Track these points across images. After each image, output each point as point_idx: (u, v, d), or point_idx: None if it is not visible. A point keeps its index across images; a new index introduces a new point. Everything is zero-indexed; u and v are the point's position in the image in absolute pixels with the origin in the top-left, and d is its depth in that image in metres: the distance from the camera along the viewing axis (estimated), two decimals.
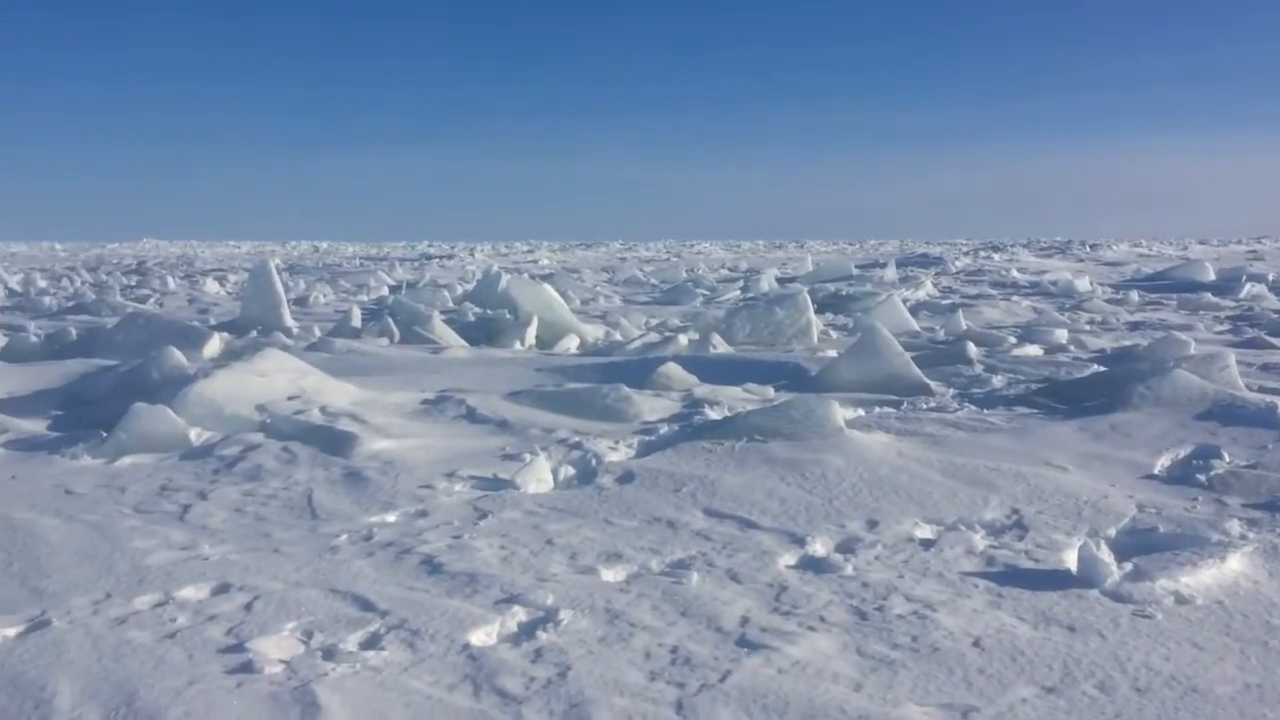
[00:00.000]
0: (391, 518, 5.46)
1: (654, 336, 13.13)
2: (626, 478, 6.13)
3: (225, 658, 3.75)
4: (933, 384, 8.95)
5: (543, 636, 3.93)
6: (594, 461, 6.48)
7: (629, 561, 4.76)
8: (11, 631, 4.01)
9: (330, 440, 6.75)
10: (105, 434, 6.78)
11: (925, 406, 8.27)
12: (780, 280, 27.26)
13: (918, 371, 8.96)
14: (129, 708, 3.38)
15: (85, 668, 3.66)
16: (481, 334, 14.24)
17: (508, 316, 15.01)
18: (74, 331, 13.36)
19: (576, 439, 7.10)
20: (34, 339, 13.03)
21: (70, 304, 20.70)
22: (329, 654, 3.77)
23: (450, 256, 52.08)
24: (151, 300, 21.87)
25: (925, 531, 5.19)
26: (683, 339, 12.46)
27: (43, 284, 27.89)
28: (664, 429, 7.48)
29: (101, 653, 3.79)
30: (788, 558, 4.81)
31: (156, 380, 7.95)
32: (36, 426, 7.35)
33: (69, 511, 5.54)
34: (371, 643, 3.88)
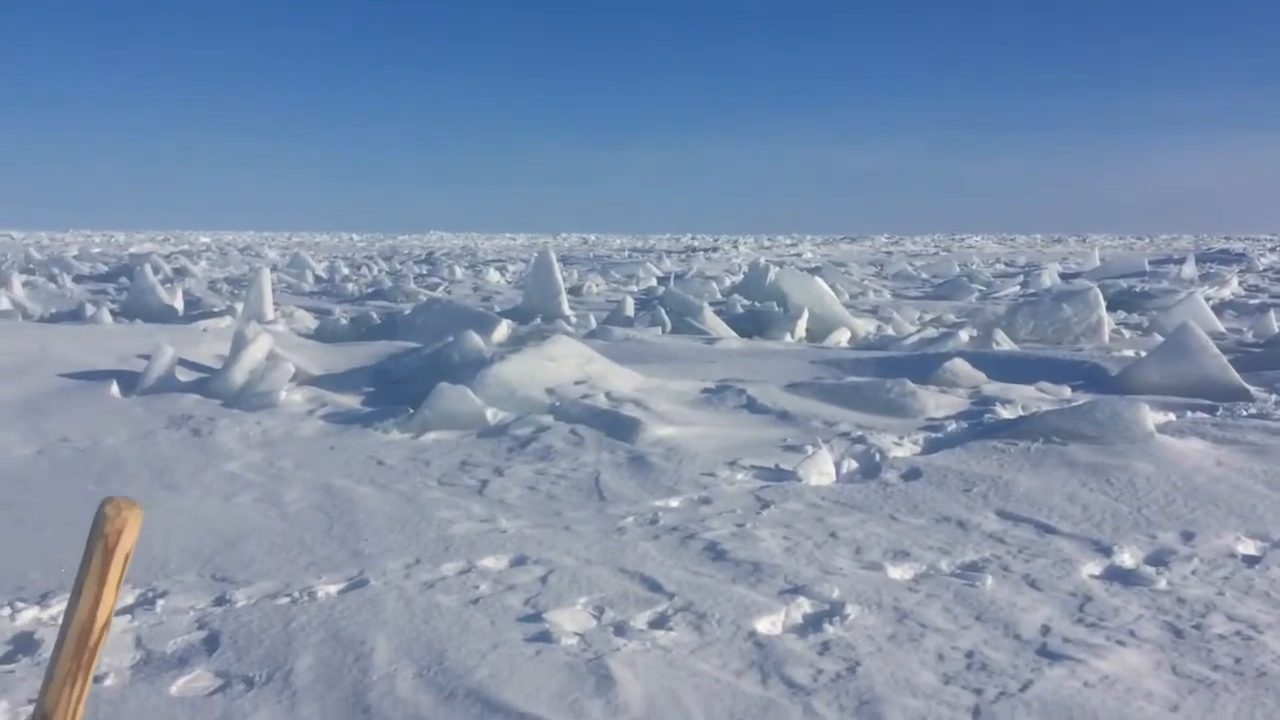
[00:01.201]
0: (675, 503, 5.54)
1: (931, 332, 12.74)
2: (912, 474, 5.96)
3: (524, 626, 3.91)
4: (1252, 389, 8.22)
5: (830, 630, 3.87)
6: (878, 456, 6.34)
7: (917, 560, 4.62)
8: (334, 589, 4.34)
9: (616, 425, 6.93)
10: (411, 411, 7.25)
11: (1245, 413, 7.60)
12: (1063, 276, 25.83)
13: (1235, 375, 8.25)
14: (439, 666, 3.58)
15: (399, 626, 3.91)
16: (751, 326, 14.27)
17: (777, 309, 14.97)
18: (375, 315, 14.40)
19: (859, 433, 6.98)
20: (342, 322, 14.15)
21: (370, 290, 22.32)
22: (620, 630, 3.87)
23: (714, 249, 52.57)
24: (441, 288, 23.23)
25: (1248, 547, 4.76)
26: (963, 335, 12.02)
27: (345, 271, 30.22)
28: (951, 426, 7.23)
29: (413, 613, 4.04)
30: (1092, 567, 4.53)
31: (456, 362, 8.43)
32: (351, 402, 7.96)
33: (381, 481, 5.95)
34: (660, 622, 3.94)
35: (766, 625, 3.93)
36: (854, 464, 6.21)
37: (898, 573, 4.48)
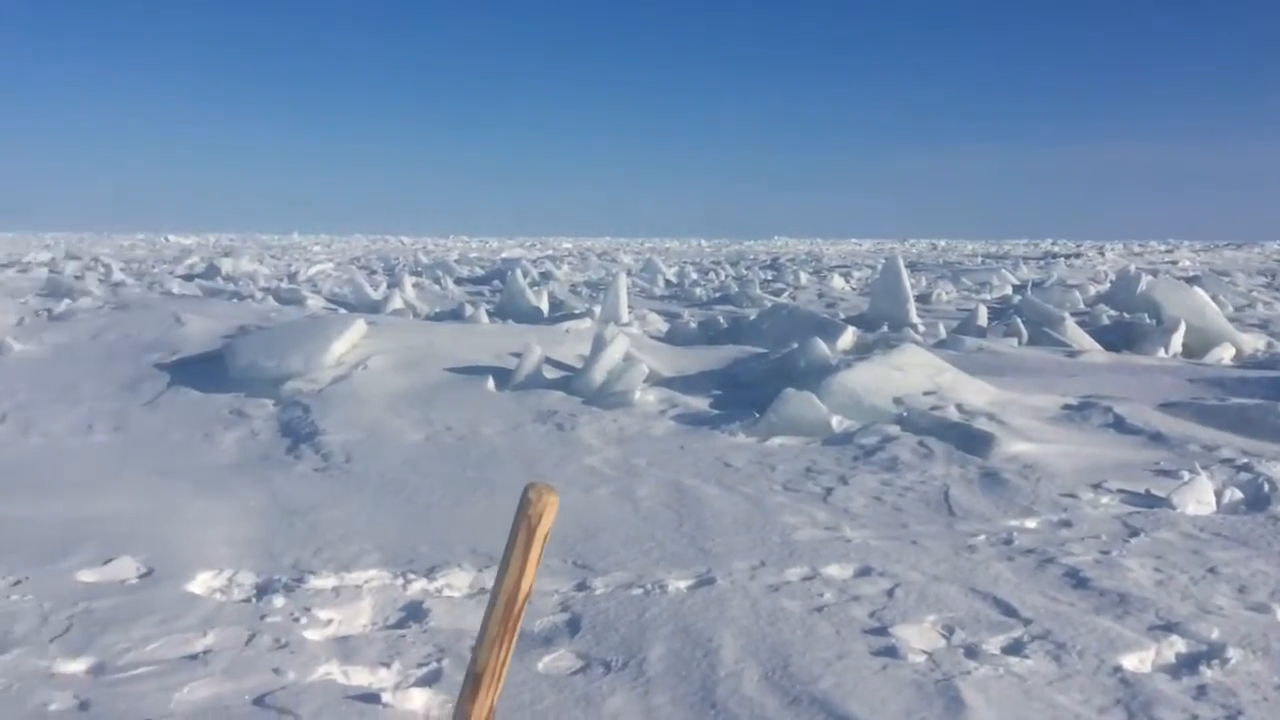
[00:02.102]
0: (1032, 524, 5.30)
1: None
2: None
3: (870, 639, 3.89)
4: None
5: (1207, 673, 3.57)
6: (1266, 487, 5.74)
7: None
8: (683, 584, 4.51)
9: (967, 438, 6.73)
10: (758, 415, 7.39)
11: None
12: None
13: None
14: (784, 670, 3.64)
15: (745, 627, 4.01)
16: (1118, 339, 13.33)
17: (1149, 321, 13.90)
18: (722, 320, 14.76)
19: (1245, 459, 6.37)
20: (691, 325, 14.61)
21: (717, 295, 22.87)
22: (971, 652, 3.76)
23: (1077, 255, 49.40)
24: (785, 294, 23.41)
25: None
26: None
27: (694, 276, 31.14)
28: None
29: (759, 615, 4.12)
30: None
31: (802, 368, 8.50)
32: (700, 404, 8.22)
33: (728, 482, 6.12)
34: (1015, 649, 3.80)
35: (1134, 662, 3.68)
36: (1238, 493, 5.67)
37: None
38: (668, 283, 28.64)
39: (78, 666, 3.63)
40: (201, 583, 4.51)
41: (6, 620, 3.98)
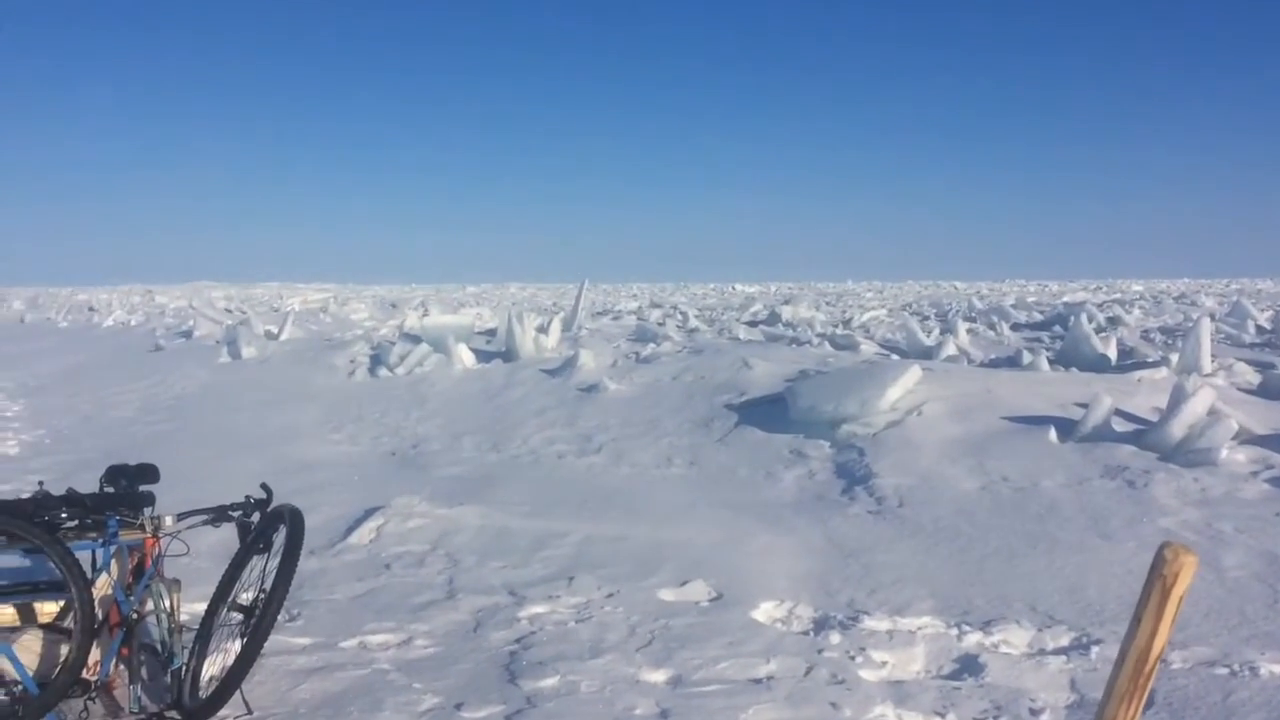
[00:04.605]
0: None
1: None
2: None
3: None
4: None
5: None
6: None
7: None
8: (1277, 669, 4.01)
9: None
10: None
11: None
12: None
13: None
14: None
15: None
16: None
17: None
18: None
19: None
20: None
21: None
22: None
23: None
24: None
25: None
26: None
27: None
28: None
29: None
30: None
31: None
32: None
33: None
34: None
35: None
36: None
37: None
38: (1259, 329, 25.45)
39: (659, 676, 4.05)
40: (764, 611, 4.83)
41: (600, 628, 4.55)
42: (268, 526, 3.97)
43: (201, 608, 4.03)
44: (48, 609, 3.59)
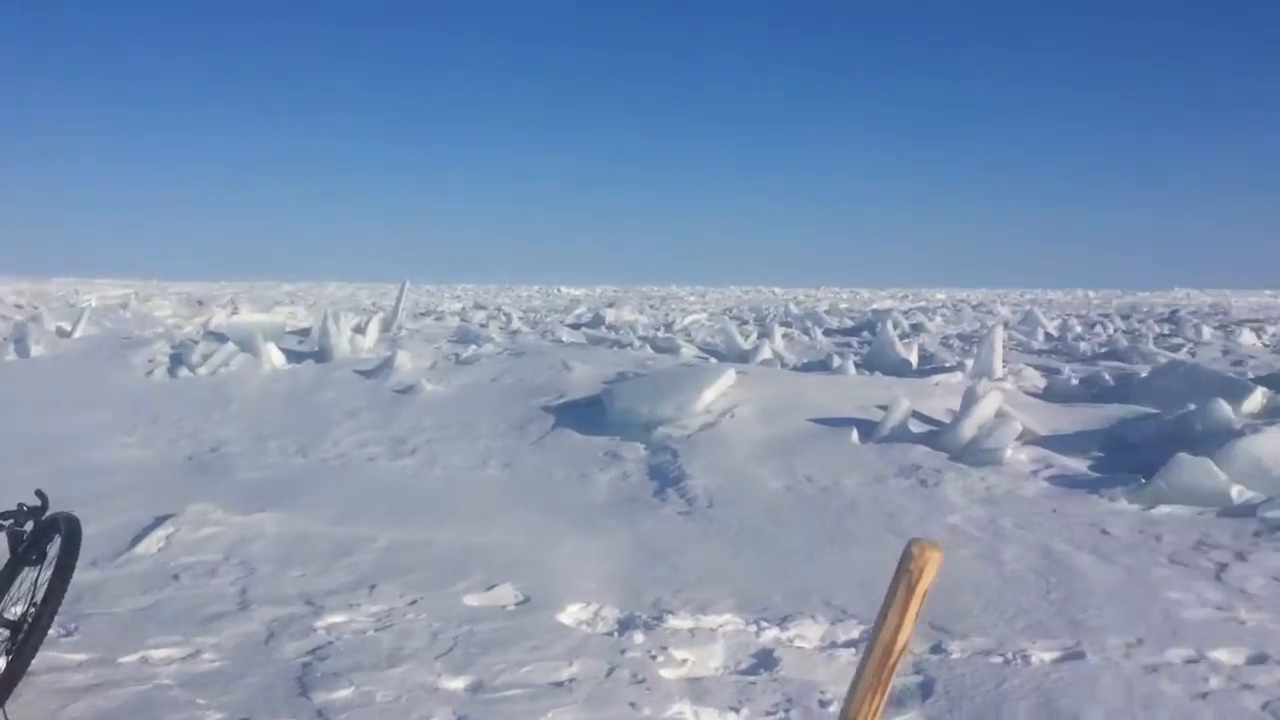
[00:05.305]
0: None
1: None
2: None
3: None
4: None
5: None
6: None
7: None
8: (1047, 656, 4.27)
9: None
10: (1143, 480, 6.84)
11: None
12: None
13: None
14: None
15: (1115, 709, 3.74)
16: None
17: None
18: (1108, 376, 13.77)
19: None
20: (1073, 382, 13.75)
21: (1103, 350, 21.38)
22: None
23: None
24: (1184, 350, 21.48)
25: None
26: None
27: (1078, 329, 29.29)
28: None
29: (1132, 697, 3.83)
30: None
31: (1199, 432, 7.77)
32: (1077, 465, 7.73)
33: (1104, 551, 5.71)
34: None
35: None
36: None
37: None
38: (1048, 336, 27.13)
39: (459, 683, 4.00)
40: (571, 614, 4.84)
41: (401, 636, 4.47)
42: (41, 536, 3.74)
43: None
44: None
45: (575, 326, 28.30)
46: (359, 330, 14.53)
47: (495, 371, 11.76)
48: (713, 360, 16.75)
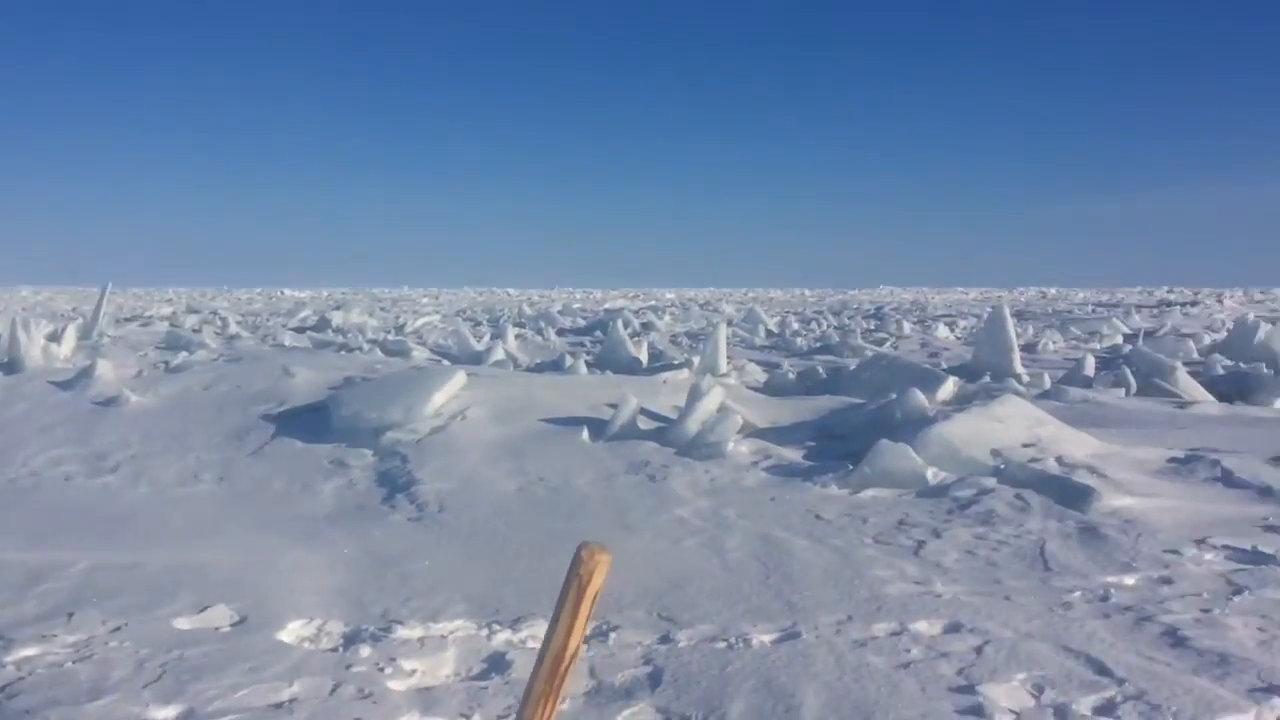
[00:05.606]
0: (1130, 580, 5.12)
1: None
2: None
3: (956, 697, 3.80)
4: None
5: None
6: None
7: None
8: (767, 638, 4.46)
9: (1066, 492, 6.54)
10: (851, 466, 7.30)
11: None
12: None
13: None
14: None
15: (828, 683, 3.95)
16: (1233, 389, 12.84)
17: (1266, 371, 13.37)
18: (821, 370, 14.64)
19: None
20: (790, 376, 14.51)
21: (818, 345, 22.70)
22: (1061, 713, 3.65)
23: (1194, 303, 47.67)
24: (888, 343, 23.12)
25: None
26: None
27: (795, 326, 30.98)
28: None
29: (843, 671, 4.06)
30: None
31: (899, 419, 8.38)
32: (793, 455, 8.16)
33: (818, 535, 6.05)
34: (1106, 709, 3.67)
35: None
36: None
37: None
38: (769, 333, 28.52)
39: (168, 713, 3.74)
40: (291, 631, 4.63)
41: (103, 666, 4.13)
42: None
43: None
44: None
45: (300, 330, 27.23)
46: (53, 338, 13.37)
47: (209, 379, 11.12)
48: (445, 362, 16.53)
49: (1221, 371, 14.31)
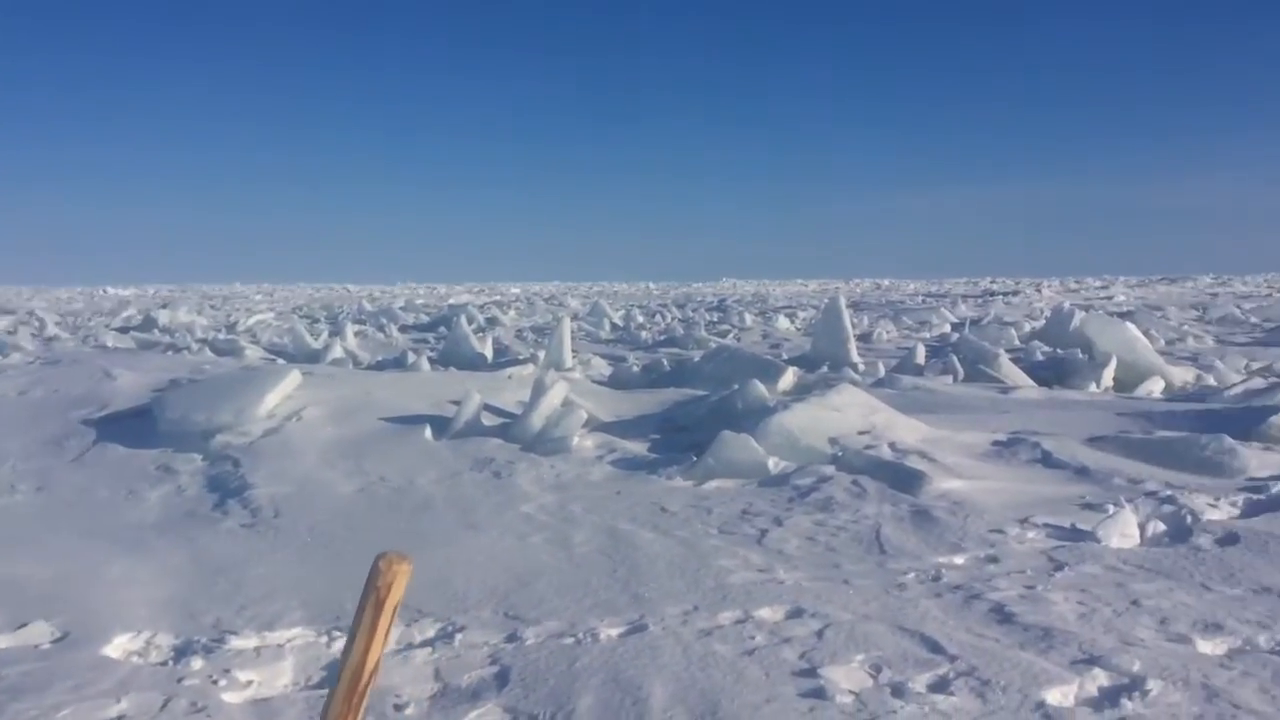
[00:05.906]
0: (960, 560, 5.34)
1: (1258, 382, 11.61)
2: (1229, 539, 5.46)
3: (799, 680, 3.89)
4: None
5: (1128, 705, 3.61)
6: (1189, 518, 5.85)
7: (1231, 634, 4.22)
8: (615, 632, 4.48)
9: (899, 476, 6.78)
10: (695, 458, 7.39)
11: None
12: None
13: None
14: (713, 716, 3.61)
15: (675, 673, 3.98)
16: (1052, 374, 13.57)
17: (1081, 356, 14.16)
18: (666, 362, 14.79)
19: (1168, 492, 6.47)
20: (634, 369, 14.61)
21: (663, 337, 22.96)
22: (897, 691, 3.77)
23: (1015, 293, 50.25)
24: (731, 335, 23.55)
25: None
26: None
27: (640, 319, 31.23)
28: (1276, 487, 6.56)
29: (690, 660, 4.10)
30: None
31: (740, 410, 8.52)
32: (638, 448, 8.20)
33: (663, 527, 6.10)
34: (940, 686, 3.81)
35: (1057, 696, 3.71)
36: (1161, 526, 5.77)
37: (1208, 647, 4.12)
38: (614, 326, 28.66)
39: None
40: (118, 646, 4.40)
41: None
42: None
43: None
44: None
45: (123, 330, 25.98)
46: None
47: (24, 384, 10.49)
48: (280, 361, 16.04)
49: (1040, 357, 15.10)
